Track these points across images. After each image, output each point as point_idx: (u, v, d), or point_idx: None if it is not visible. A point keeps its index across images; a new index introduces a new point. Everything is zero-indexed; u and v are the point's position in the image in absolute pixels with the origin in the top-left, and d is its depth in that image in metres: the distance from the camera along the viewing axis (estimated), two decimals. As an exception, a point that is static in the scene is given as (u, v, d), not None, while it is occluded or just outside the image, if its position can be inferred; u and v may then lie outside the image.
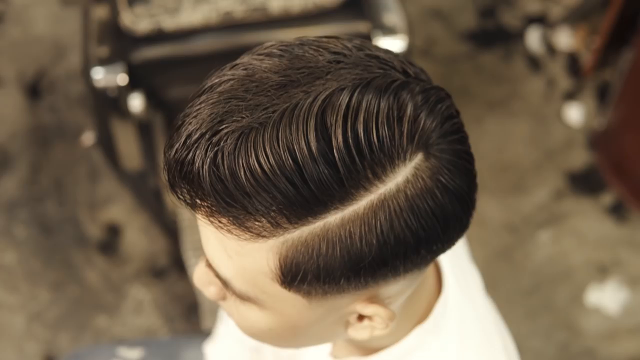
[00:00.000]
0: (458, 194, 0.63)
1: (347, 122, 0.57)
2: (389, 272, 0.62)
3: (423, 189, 0.60)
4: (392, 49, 1.64)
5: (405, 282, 0.67)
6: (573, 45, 2.55)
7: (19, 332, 2.06)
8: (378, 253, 0.60)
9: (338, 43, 0.64)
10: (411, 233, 0.60)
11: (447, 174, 0.62)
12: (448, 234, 0.64)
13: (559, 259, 2.19)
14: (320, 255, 0.60)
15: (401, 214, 0.59)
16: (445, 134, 0.62)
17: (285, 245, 0.59)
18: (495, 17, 2.64)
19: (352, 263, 0.60)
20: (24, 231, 2.20)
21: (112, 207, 2.23)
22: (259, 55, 0.63)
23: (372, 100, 0.58)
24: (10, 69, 2.48)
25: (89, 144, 2.21)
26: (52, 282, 2.12)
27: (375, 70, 0.62)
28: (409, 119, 0.60)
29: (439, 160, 0.61)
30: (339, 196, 0.58)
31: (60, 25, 2.55)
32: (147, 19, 1.60)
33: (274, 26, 1.63)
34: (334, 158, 0.56)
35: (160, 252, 2.16)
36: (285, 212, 0.58)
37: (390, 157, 0.59)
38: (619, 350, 2.05)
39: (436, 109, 0.62)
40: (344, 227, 0.59)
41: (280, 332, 0.69)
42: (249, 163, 0.56)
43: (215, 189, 0.57)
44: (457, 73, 2.52)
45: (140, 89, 1.63)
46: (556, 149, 2.38)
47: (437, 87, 0.64)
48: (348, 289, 0.63)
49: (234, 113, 0.58)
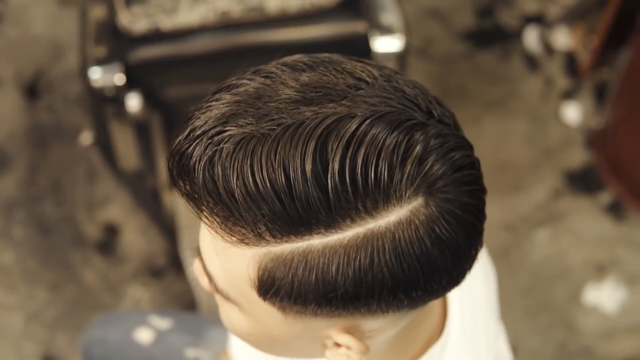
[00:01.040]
0: (452, 247, 0.60)
1: (348, 151, 0.56)
2: (362, 307, 0.61)
3: (413, 234, 0.59)
4: (389, 48, 1.65)
5: (387, 321, 0.65)
6: (571, 44, 2.55)
7: (16, 332, 2.06)
8: (352, 287, 0.59)
9: (365, 69, 0.62)
10: (390, 275, 0.59)
11: (444, 226, 0.59)
12: (431, 284, 0.61)
13: (556, 258, 2.19)
14: (296, 276, 0.59)
15: (384, 253, 0.58)
16: (455, 184, 0.60)
17: (266, 257, 0.59)
18: (493, 16, 2.64)
19: (324, 291, 0.59)
20: (22, 231, 2.20)
21: (110, 207, 2.23)
22: (283, 66, 0.62)
23: (379, 134, 0.57)
24: (8, 69, 2.48)
25: (87, 144, 2.21)
26: (50, 282, 2.12)
27: (394, 105, 0.60)
28: (414, 160, 0.58)
29: (440, 209, 0.59)
30: (325, 222, 0.57)
31: (58, 26, 2.55)
32: (145, 19, 1.60)
33: (271, 26, 1.63)
34: (326, 183, 0.56)
35: (158, 252, 2.16)
36: (270, 226, 0.57)
37: (385, 195, 0.57)
38: (617, 349, 2.05)
39: (449, 155, 0.60)
40: (325, 254, 0.58)
41: (258, 338, 0.69)
42: (242, 170, 0.56)
43: (206, 187, 0.58)
44: (455, 73, 2.52)
45: (138, 88, 1.63)
46: (554, 148, 2.38)
47: (458, 135, 0.62)
48: (321, 314, 0.62)
49: (241, 117, 0.58)
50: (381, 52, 1.65)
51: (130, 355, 1.32)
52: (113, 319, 1.37)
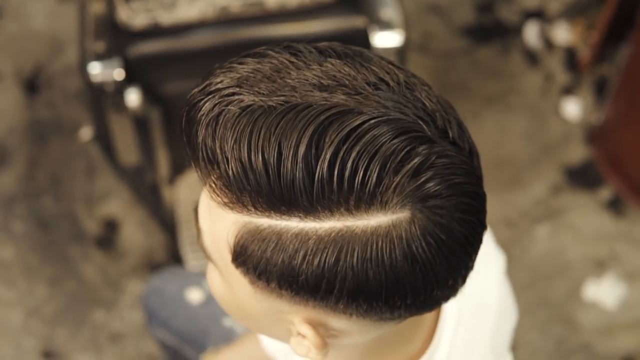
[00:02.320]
0: (425, 269, 0.59)
1: (344, 144, 0.56)
2: (321, 301, 0.60)
3: (387, 246, 0.57)
4: (389, 43, 1.65)
5: (352, 326, 0.64)
6: (571, 40, 2.55)
7: (16, 327, 2.06)
8: (313, 279, 0.59)
9: (392, 71, 0.61)
10: (353, 278, 0.58)
11: (423, 246, 0.58)
12: (395, 299, 0.60)
13: (556, 253, 2.19)
14: (265, 252, 0.59)
15: (351, 255, 0.57)
16: (449, 207, 0.58)
17: (245, 226, 0.60)
18: (493, 11, 2.64)
19: (287, 275, 0.59)
20: (21, 226, 2.20)
21: (109, 202, 2.23)
22: (313, 48, 0.62)
23: (380, 136, 0.56)
24: (7, 64, 2.48)
25: (86, 139, 2.20)
26: (50, 277, 2.12)
27: (408, 113, 0.59)
28: (409, 171, 0.57)
29: (424, 229, 0.58)
30: (304, 207, 0.57)
31: (57, 21, 2.55)
32: (144, 14, 1.60)
33: (270, 21, 1.63)
34: (314, 169, 0.56)
35: (158, 247, 2.16)
36: (253, 196, 0.58)
37: (369, 197, 0.57)
38: (616, 345, 2.05)
39: (450, 177, 0.58)
40: (297, 239, 0.58)
41: (231, 305, 0.70)
42: (241, 135, 0.57)
43: (205, 142, 0.59)
44: (455, 68, 2.52)
45: (137, 84, 1.63)
46: (554, 143, 2.38)
47: (468, 162, 0.61)
48: (284, 297, 0.62)
49: (255, 86, 0.59)
50: (381, 47, 1.65)
51: (179, 310, 1.41)
52: (174, 274, 1.49)
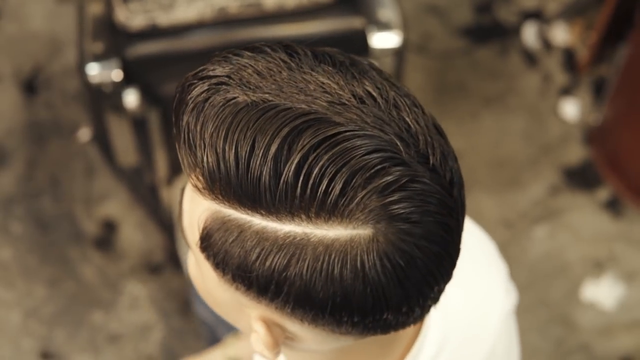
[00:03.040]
0: (376, 292, 0.57)
1: (314, 151, 0.55)
2: (270, 302, 0.60)
3: (339, 259, 0.56)
4: (387, 44, 1.65)
5: (306, 333, 0.64)
6: (569, 40, 2.55)
7: (15, 328, 2.06)
8: (263, 279, 0.59)
9: (383, 88, 0.60)
10: (300, 285, 0.58)
11: (378, 268, 0.56)
12: (341, 314, 0.59)
13: (554, 254, 2.19)
14: (225, 244, 0.60)
15: (302, 263, 0.57)
16: (414, 235, 0.57)
17: (214, 214, 0.60)
18: (492, 12, 2.64)
19: (241, 269, 0.60)
20: (20, 227, 2.20)
21: (108, 203, 2.23)
22: (311, 52, 0.62)
23: (352, 149, 0.56)
24: (6, 65, 2.48)
25: (85, 140, 2.21)
26: (48, 278, 2.12)
27: (387, 132, 0.57)
28: (375, 189, 0.55)
29: (382, 251, 0.56)
30: (267, 206, 0.57)
31: (56, 22, 2.55)
32: (142, 15, 1.60)
33: (268, 22, 1.63)
34: (281, 170, 0.56)
35: (156, 248, 2.16)
36: (222, 186, 0.58)
37: (330, 209, 0.56)
38: (615, 346, 2.05)
39: (422, 205, 0.57)
40: (256, 237, 0.58)
41: (203, 291, 0.70)
42: (221, 124, 0.57)
43: (188, 126, 0.59)
44: (453, 68, 2.52)
45: (135, 84, 1.63)
46: (552, 144, 2.38)
47: (445, 193, 0.59)
48: (239, 290, 0.62)
49: (245, 79, 0.59)
50: (379, 48, 1.65)
51: None
52: None
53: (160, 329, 2.05)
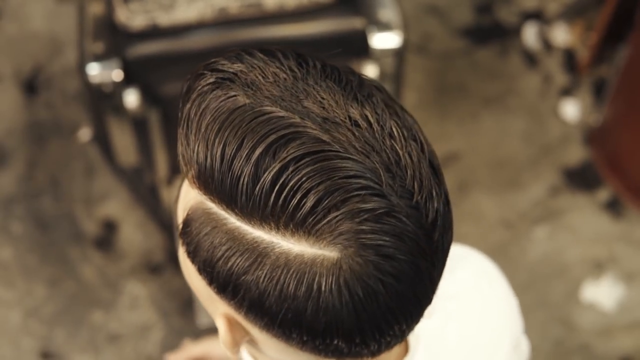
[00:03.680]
0: (327, 316, 0.56)
1: (295, 164, 0.55)
2: (227, 301, 0.61)
3: (296, 275, 0.56)
4: (387, 45, 1.65)
5: (265, 340, 0.63)
6: (569, 41, 2.55)
7: (15, 327, 2.06)
8: (223, 278, 0.59)
9: (382, 115, 0.59)
10: (256, 292, 0.58)
11: (333, 295, 0.55)
12: (291, 330, 0.59)
13: (554, 254, 2.19)
14: (198, 236, 0.61)
15: (261, 270, 0.57)
16: (383, 272, 0.55)
17: (198, 205, 0.61)
18: (492, 13, 2.64)
19: (206, 263, 0.60)
20: (20, 227, 2.20)
21: (108, 203, 2.23)
22: (320, 65, 0.61)
23: (332, 170, 0.55)
24: (6, 65, 2.48)
25: (85, 139, 2.21)
26: (48, 278, 2.12)
27: (373, 161, 0.56)
28: (347, 214, 0.54)
29: (343, 279, 0.55)
30: (240, 208, 0.57)
31: (56, 22, 2.55)
32: (142, 15, 1.60)
33: (269, 22, 1.63)
34: (260, 176, 0.56)
35: (156, 248, 2.16)
36: (207, 179, 0.59)
37: (298, 224, 0.55)
38: (615, 346, 2.05)
39: (394, 243, 0.55)
40: (227, 235, 0.58)
41: (185, 273, 0.70)
42: (217, 117, 0.58)
43: (189, 112, 0.60)
44: (453, 69, 2.52)
45: (136, 84, 1.63)
46: (552, 145, 2.38)
47: (418, 233, 0.56)
48: (205, 282, 0.62)
49: (250, 80, 0.60)
50: (379, 48, 1.65)
51: None
52: None
53: (160, 328, 2.06)
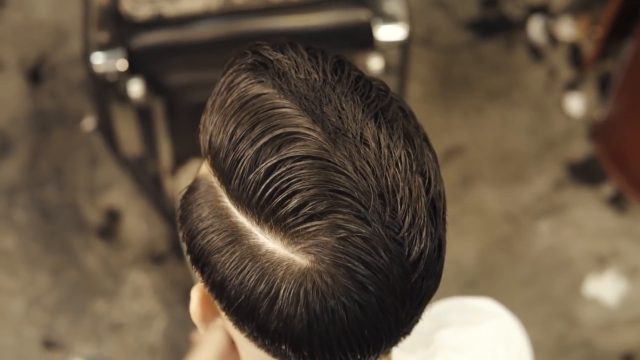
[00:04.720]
0: (279, 319, 0.56)
1: (292, 163, 0.55)
2: (200, 277, 0.62)
3: (260, 271, 0.56)
4: (392, 37, 1.64)
5: (230, 328, 0.63)
6: (575, 35, 2.55)
7: (17, 316, 2.06)
8: (197, 251, 0.61)
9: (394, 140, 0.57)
10: (219, 275, 0.59)
11: (289, 300, 0.55)
12: (243, 321, 0.59)
13: (557, 249, 2.19)
14: (192, 204, 0.62)
15: (230, 256, 0.58)
16: (350, 301, 0.55)
17: (205, 176, 0.62)
18: (498, 6, 2.64)
19: (189, 233, 0.62)
20: (24, 216, 2.20)
21: (111, 192, 2.24)
22: (355, 78, 0.61)
23: (326, 182, 0.55)
24: (11, 53, 2.48)
25: (89, 129, 2.21)
26: (52, 267, 2.12)
27: (368, 182, 0.55)
28: (326, 227, 0.55)
29: (304, 293, 0.55)
30: (232, 190, 0.58)
31: (61, 10, 2.55)
32: (147, 5, 1.59)
33: (274, 13, 1.63)
34: (257, 165, 0.56)
35: (160, 238, 2.16)
36: (213, 151, 0.60)
37: (277, 221, 0.56)
38: (617, 342, 2.05)
39: (369, 273, 0.55)
40: (214, 213, 0.60)
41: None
42: (240, 98, 0.59)
43: (222, 85, 0.61)
44: (458, 62, 2.51)
45: (140, 74, 1.63)
46: (556, 139, 2.38)
47: (392, 270, 0.56)
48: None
49: (282, 71, 0.60)
50: (384, 40, 1.65)
51: None
52: None
53: (162, 318, 2.06)
